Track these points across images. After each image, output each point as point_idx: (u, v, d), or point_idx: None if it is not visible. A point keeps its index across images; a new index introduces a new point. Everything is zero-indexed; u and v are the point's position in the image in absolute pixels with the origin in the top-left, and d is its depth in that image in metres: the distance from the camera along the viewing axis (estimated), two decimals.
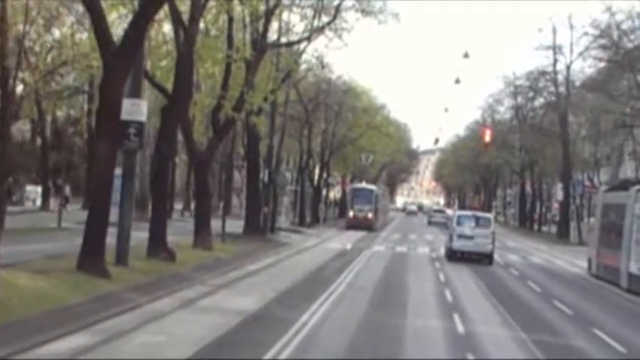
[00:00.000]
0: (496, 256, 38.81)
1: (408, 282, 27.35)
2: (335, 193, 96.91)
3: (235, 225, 44.08)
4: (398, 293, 23.74)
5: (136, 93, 22.71)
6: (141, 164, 46.55)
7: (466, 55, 51.84)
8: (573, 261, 42.29)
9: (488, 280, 29.55)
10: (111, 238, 21.37)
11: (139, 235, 25.21)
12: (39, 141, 56.75)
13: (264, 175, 43.51)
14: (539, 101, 72.34)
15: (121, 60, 19.73)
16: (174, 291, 19.87)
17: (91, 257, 19.58)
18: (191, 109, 33.36)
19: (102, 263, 19.72)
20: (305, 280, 25.23)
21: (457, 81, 66.08)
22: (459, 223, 37.98)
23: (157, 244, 24.86)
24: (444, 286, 26.06)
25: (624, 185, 33.31)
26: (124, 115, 22.10)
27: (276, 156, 47.79)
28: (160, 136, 25.78)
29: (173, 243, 29.56)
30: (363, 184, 73.36)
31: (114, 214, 35.42)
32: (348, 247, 43.36)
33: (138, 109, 22.39)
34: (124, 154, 22.91)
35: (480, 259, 36.58)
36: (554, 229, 75.99)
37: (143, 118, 22.56)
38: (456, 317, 19.07)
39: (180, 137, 38.00)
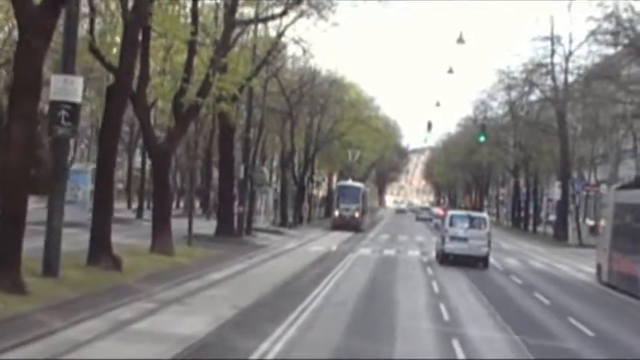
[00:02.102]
0: (494, 261, 35.54)
1: (395, 294, 23.47)
2: (322, 192, 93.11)
3: (212, 225, 40.62)
4: (384, 310, 19.79)
5: (69, 68, 18.86)
6: None
7: (460, 40, 47.77)
8: (577, 265, 38.76)
9: (489, 290, 25.66)
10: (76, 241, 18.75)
11: None
12: None
13: (238, 170, 39.80)
14: (536, 95, 68.58)
15: (41, 23, 15.90)
16: (106, 310, 16.03)
17: (1, 268, 15.74)
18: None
19: (15, 275, 15.90)
20: (275, 293, 21.39)
21: (450, 70, 62.13)
22: (451, 224, 34.67)
23: (100, 249, 20.98)
24: (439, 300, 22.16)
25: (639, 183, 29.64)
26: (55, 95, 18.47)
27: (254, 150, 44.17)
28: (104, 122, 21.83)
29: (129, 247, 26.09)
30: (350, 182, 69.57)
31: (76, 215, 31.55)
32: (333, 249, 39.89)
33: (72, 87, 18.54)
34: (55, 142, 19.08)
35: (474, 263, 33.20)
36: (548, 229, 72.46)
37: (78, 98, 18.66)
38: (457, 346, 15.20)
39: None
